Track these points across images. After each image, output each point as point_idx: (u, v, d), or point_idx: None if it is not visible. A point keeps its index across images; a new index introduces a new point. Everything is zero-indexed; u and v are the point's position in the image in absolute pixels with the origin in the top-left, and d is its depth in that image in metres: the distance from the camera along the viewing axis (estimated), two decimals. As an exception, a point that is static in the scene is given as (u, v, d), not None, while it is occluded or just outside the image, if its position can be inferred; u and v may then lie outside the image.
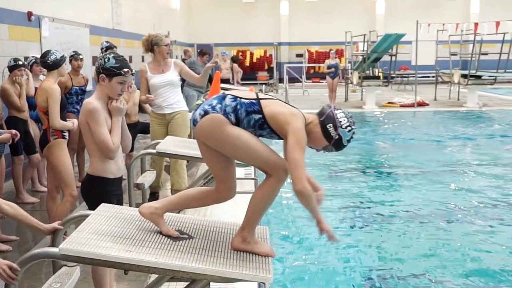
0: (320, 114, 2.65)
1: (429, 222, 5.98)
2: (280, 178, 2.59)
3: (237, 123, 2.56)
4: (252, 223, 2.68)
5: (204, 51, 11.38)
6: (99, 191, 3.30)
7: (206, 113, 2.56)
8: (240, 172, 6.64)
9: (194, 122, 2.60)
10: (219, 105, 2.56)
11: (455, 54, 18.91)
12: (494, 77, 16.97)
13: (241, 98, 2.58)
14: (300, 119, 2.57)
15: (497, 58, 16.48)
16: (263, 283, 2.89)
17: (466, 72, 16.93)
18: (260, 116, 2.55)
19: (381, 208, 6.53)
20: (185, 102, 6.12)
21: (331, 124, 2.60)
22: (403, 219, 6.13)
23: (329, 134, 2.60)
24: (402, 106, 16.36)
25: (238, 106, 2.55)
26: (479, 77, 16.75)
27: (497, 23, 16.91)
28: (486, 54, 17.12)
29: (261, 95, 2.65)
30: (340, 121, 2.61)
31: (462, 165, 8.70)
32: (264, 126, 2.57)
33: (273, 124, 2.55)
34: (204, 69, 6.16)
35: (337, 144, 2.64)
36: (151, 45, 5.68)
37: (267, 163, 2.59)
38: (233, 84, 15.11)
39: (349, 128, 2.64)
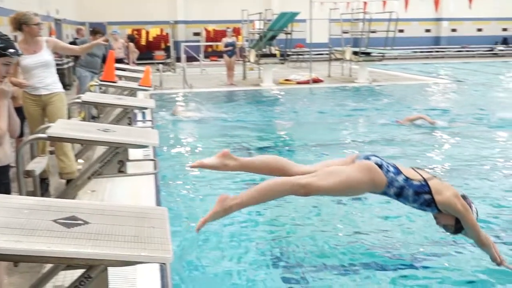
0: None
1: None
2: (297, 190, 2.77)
3: (398, 195, 2.91)
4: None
5: (97, 30, 10.93)
6: (-16, 180, 3.11)
7: (380, 166, 2.86)
8: (138, 153, 6.53)
9: (366, 157, 2.91)
10: (392, 174, 2.87)
11: (347, 32, 19.70)
12: (382, 54, 17.93)
13: (411, 179, 2.91)
14: (459, 196, 2.97)
15: (384, 35, 17.38)
16: (164, 263, 2.89)
17: (357, 49, 17.73)
18: (430, 196, 2.90)
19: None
20: (61, 83, 5.94)
21: None
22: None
23: (460, 222, 2.97)
24: (298, 83, 16.81)
25: (407, 186, 2.87)
26: (368, 53, 17.61)
27: (384, 2, 17.86)
28: (374, 32, 18.03)
29: (424, 174, 2.96)
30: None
31: (353, 138, 9.13)
32: (432, 205, 2.92)
33: (445, 207, 2.92)
34: (92, 43, 6.08)
35: (458, 231, 3.02)
36: (19, 24, 5.45)
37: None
38: (128, 64, 14.68)
39: None
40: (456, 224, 2.95)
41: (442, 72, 21.43)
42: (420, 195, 2.89)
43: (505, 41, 30.17)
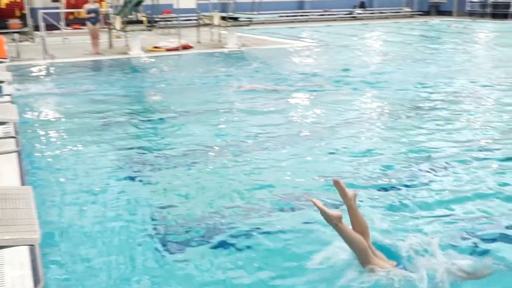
0: None
1: (201, 160, 6.29)
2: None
3: None
4: (345, 237, 3.59)
5: None
6: None
7: None
8: (-3, 131, 6.07)
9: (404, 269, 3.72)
10: None
11: (213, -3, 19.65)
12: (249, 19, 18.18)
13: None
14: None
15: (251, 0, 17.62)
16: (32, 245, 2.75)
17: (225, 14, 17.80)
18: None
19: (155, 153, 6.63)
20: None
21: None
22: (177, 160, 6.32)
23: None
24: (168, 50, 16.55)
25: None
26: (236, 18, 17.76)
27: (249, -33, 17.97)
28: (241, -4, 18.20)
29: None
30: None
31: (220, 107, 9.20)
32: None
33: None
34: None
35: None
36: None
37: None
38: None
39: None
40: None
41: (307, 35, 22.28)
42: None
43: (362, 5, 31.99)
